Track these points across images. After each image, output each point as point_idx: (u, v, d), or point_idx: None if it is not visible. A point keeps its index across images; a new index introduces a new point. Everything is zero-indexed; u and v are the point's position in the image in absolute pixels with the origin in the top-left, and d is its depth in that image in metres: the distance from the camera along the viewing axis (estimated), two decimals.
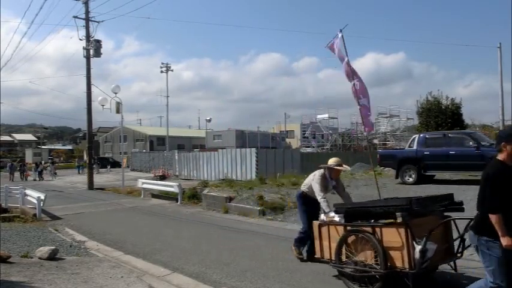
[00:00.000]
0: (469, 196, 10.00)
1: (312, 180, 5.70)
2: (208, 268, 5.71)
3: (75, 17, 21.38)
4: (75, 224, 10.22)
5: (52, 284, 4.88)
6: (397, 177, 13.58)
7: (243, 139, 47.35)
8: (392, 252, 4.19)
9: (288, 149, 39.64)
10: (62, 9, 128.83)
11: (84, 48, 21.46)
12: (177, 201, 13.86)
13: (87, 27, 21.47)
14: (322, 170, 5.72)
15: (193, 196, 13.72)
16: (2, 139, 72.09)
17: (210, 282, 5.10)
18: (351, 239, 4.60)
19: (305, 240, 5.81)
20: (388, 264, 4.18)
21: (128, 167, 36.49)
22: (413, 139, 13.88)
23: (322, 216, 5.15)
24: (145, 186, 16.22)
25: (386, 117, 41.96)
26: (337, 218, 4.82)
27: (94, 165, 28.85)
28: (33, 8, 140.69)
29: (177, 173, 27.62)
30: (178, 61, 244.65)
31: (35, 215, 11.04)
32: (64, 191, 20.44)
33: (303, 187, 5.98)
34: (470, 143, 12.16)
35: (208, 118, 62.13)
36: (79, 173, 36.04)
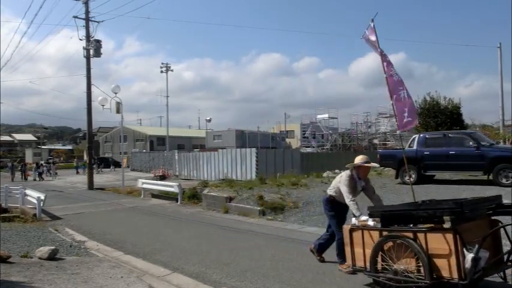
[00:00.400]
0: (469, 196, 10.04)
1: (339, 182, 5.32)
2: (208, 268, 5.71)
3: (75, 17, 21.42)
4: (75, 224, 10.22)
5: (52, 284, 4.88)
6: (397, 177, 13.59)
7: (243, 139, 47.36)
8: (437, 261, 3.78)
9: (288, 149, 39.63)
10: (62, 9, 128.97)
11: (84, 48, 21.48)
12: (177, 201, 13.86)
13: (87, 27, 21.47)
14: (348, 171, 5.34)
15: (193, 196, 13.72)
16: (2, 139, 72.11)
17: (210, 282, 5.10)
18: (388, 245, 4.21)
19: (327, 245, 5.65)
20: (434, 274, 3.77)
21: (128, 167, 36.51)
22: (413, 139, 13.89)
23: (354, 220, 4.74)
24: (145, 186, 16.22)
25: (386, 117, 41.97)
26: (371, 222, 4.47)
27: (94, 165, 28.89)
28: (33, 7, 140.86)
29: (177, 173, 27.62)
30: (179, 61, 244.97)
31: (35, 215, 11.04)
32: (64, 191, 20.44)
33: (330, 191, 5.57)
34: (470, 143, 12.17)
35: (208, 118, 62.20)
36: (77, 172, 35.96)
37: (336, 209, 5.46)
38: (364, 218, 4.63)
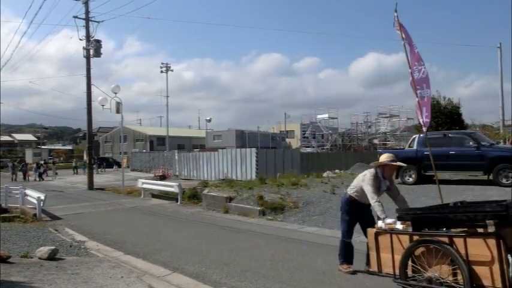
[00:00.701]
0: (469, 196, 10.04)
1: (362, 182, 4.99)
2: (208, 268, 5.71)
3: (75, 17, 21.41)
4: (75, 224, 10.22)
5: (52, 284, 4.87)
6: (397, 177, 13.58)
7: (243, 139, 47.36)
8: (478, 268, 3.49)
9: (288, 149, 39.64)
10: (62, 9, 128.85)
11: (84, 48, 21.47)
12: (177, 201, 13.86)
13: (87, 27, 21.47)
14: (373, 170, 5.02)
15: (193, 196, 13.72)
16: (2, 139, 72.11)
17: (210, 282, 5.10)
18: (419, 250, 3.89)
19: (346, 251, 5.26)
20: (474, 283, 3.50)
21: (128, 167, 36.51)
22: (413, 139, 13.90)
23: (380, 223, 4.42)
24: (145, 186, 16.22)
25: (387, 117, 41.98)
26: (399, 226, 4.19)
27: (94, 165, 28.87)
28: (34, 7, 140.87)
29: (177, 173, 27.62)
30: (179, 61, 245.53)
31: (35, 215, 11.03)
32: (64, 191, 20.43)
33: (350, 191, 5.20)
34: (470, 143, 12.17)
35: (208, 118, 62.18)
36: (76, 173, 35.72)
37: (355, 211, 5.16)
38: (389, 220, 4.37)
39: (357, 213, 5.15)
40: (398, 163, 5.05)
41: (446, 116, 23.31)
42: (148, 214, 11.90)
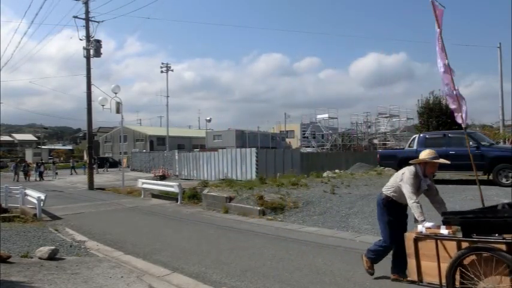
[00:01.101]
0: (469, 196, 10.05)
1: (401, 181, 4.58)
2: (208, 268, 5.71)
3: (75, 17, 21.42)
4: (75, 224, 10.22)
5: (52, 284, 4.87)
6: None
7: (243, 139, 47.39)
8: None
9: (288, 149, 39.65)
10: (63, 9, 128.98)
11: (84, 48, 21.48)
12: (177, 201, 13.86)
13: (87, 27, 21.47)
14: (412, 167, 4.61)
15: (193, 196, 13.72)
16: (2, 139, 72.14)
17: (210, 282, 5.10)
18: (469, 258, 3.52)
19: (382, 255, 4.84)
20: None
21: (128, 167, 36.51)
22: (414, 139, 13.91)
23: (421, 227, 4.01)
24: (145, 186, 16.22)
25: (386, 117, 42.01)
26: (444, 231, 3.83)
27: (94, 165, 28.86)
28: (34, 7, 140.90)
29: (177, 173, 27.63)
30: (180, 61, 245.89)
31: (35, 215, 11.03)
32: (64, 191, 20.44)
33: (387, 190, 4.78)
34: (470, 143, 12.17)
35: (208, 118, 62.25)
36: (72, 173, 35.48)
37: (392, 212, 4.70)
38: (429, 224, 3.99)
39: (395, 214, 4.71)
40: (442, 160, 4.59)
41: (447, 116, 23.30)
42: (148, 214, 11.90)
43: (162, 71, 46.45)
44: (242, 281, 5.06)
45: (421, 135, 13.88)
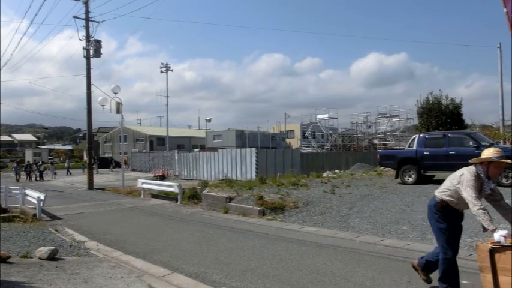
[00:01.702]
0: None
1: (460, 183, 3.88)
2: (208, 268, 5.70)
3: (75, 17, 21.39)
4: (75, 224, 10.22)
5: (52, 284, 4.87)
6: (397, 177, 13.60)
7: (243, 139, 47.43)
8: None
9: (288, 149, 39.66)
10: (63, 9, 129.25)
11: (84, 48, 21.47)
12: (177, 201, 13.85)
13: (87, 28, 21.46)
14: (473, 168, 3.93)
15: (193, 196, 13.71)
16: (2, 139, 72.14)
17: (210, 282, 5.09)
18: None
19: (451, 270, 4.01)
20: None
21: (128, 167, 36.50)
22: (413, 139, 13.90)
23: (498, 237, 3.46)
24: (145, 186, 16.21)
25: (386, 117, 42.01)
26: None
27: (94, 165, 28.85)
28: (34, 7, 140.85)
29: (177, 173, 27.63)
30: (181, 61, 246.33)
31: (34, 215, 11.03)
32: (64, 191, 20.43)
33: (442, 194, 4.06)
34: (470, 143, 12.18)
35: (208, 118, 62.34)
36: (67, 174, 35.15)
37: (449, 218, 4.03)
38: (503, 232, 3.46)
39: (452, 221, 4.04)
40: (508, 160, 3.90)
41: (447, 116, 23.32)
42: (148, 214, 11.89)
43: (162, 71, 46.51)
44: (242, 281, 5.06)
45: (421, 135, 13.87)
